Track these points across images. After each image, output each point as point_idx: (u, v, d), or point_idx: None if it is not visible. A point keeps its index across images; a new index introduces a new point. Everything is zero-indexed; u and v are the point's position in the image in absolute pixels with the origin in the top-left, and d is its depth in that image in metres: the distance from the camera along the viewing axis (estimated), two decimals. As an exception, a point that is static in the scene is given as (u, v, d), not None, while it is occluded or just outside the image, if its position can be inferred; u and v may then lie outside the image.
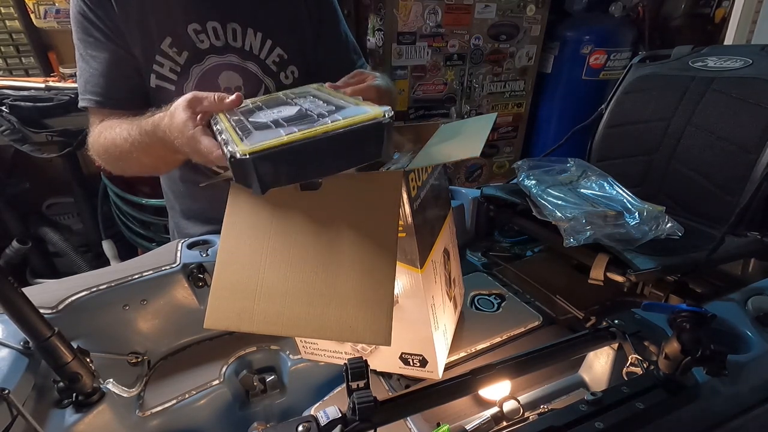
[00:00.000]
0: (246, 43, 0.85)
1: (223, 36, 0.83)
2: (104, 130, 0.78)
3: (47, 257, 1.99)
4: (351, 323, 0.44)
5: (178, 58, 0.82)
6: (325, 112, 0.46)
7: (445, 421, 0.56)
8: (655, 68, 1.05)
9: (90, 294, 0.65)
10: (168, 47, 0.81)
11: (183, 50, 0.82)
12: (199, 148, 0.53)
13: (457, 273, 0.73)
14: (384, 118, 0.41)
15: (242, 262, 0.50)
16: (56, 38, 1.96)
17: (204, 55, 0.83)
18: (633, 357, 0.56)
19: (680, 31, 2.48)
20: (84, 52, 0.82)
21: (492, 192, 0.97)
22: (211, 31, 0.82)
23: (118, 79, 0.81)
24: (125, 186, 1.85)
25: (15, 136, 1.53)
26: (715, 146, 0.90)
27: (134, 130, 0.69)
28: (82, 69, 0.83)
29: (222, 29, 0.83)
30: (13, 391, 0.46)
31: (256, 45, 0.86)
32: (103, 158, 0.80)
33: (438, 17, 2.20)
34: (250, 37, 0.85)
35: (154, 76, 0.82)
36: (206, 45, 0.83)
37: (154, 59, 0.81)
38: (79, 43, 0.82)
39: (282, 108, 0.53)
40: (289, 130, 0.42)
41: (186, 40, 0.81)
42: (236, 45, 0.85)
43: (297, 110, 0.50)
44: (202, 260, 0.73)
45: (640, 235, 0.71)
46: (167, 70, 0.82)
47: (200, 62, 0.83)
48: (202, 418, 0.64)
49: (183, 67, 0.83)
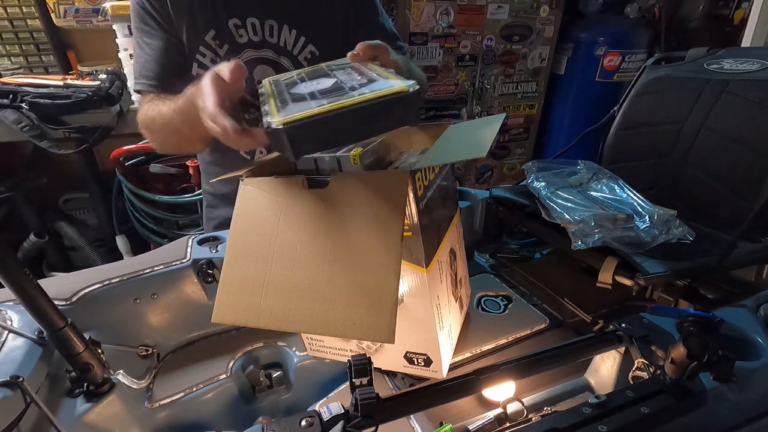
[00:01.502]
0: (281, 39, 0.90)
1: (260, 32, 0.89)
2: (150, 108, 0.85)
3: (63, 251, 2.03)
4: (355, 320, 0.45)
5: (219, 50, 0.88)
6: (357, 84, 0.50)
7: (449, 420, 0.56)
8: (669, 70, 1.04)
9: (102, 287, 0.66)
10: (211, 39, 0.87)
11: (224, 43, 0.87)
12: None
13: (463, 273, 0.73)
14: (408, 92, 0.44)
15: (250, 259, 0.51)
16: (75, 37, 2.00)
17: (242, 48, 0.89)
18: (639, 361, 0.55)
19: (698, 33, 2.44)
20: (140, 39, 0.89)
21: (501, 193, 0.96)
22: (249, 26, 0.88)
23: (169, 64, 0.88)
24: (139, 182, 1.88)
25: (34, 132, 1.56)
26: (730, 150, 0.88)
27: (172, 106, 0.77)
28: (138, 55, 0.90)
29: (260, 25, 0.88)
30: (27, 380, 0.48)
31: (290, 41, 0.91)
32: (147, 134, 0.88)
33: (450, 18, 2.20)
34: (285, 33, 0.90)
35: (196, 65, 0.88)
36: (244, 39, 0.88)
37: (198, 50, 0.87)
38: (136, 32, 0.89)
39: (321, 80, 0.58)
40: (319, 102, 0.46)
41: (227, 33, 0.87)
42: (272, 41, 0.90)
43: (333, 83, 0.55)
44: (212, 256, 0.75)
45: (650, 238, 0.71)
46: (208, 60, 0.88)
47: (238, 55, 0.88)
48: (208, 412, 0.65)
49: (222, 59, 0.88)
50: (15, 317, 0.58)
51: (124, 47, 1.69)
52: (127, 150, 1.80)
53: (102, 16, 1.85)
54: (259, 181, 0.54)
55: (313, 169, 0.63)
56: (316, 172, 0.63)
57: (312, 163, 0.63)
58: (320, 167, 0.62)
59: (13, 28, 1.91)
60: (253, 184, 0.54)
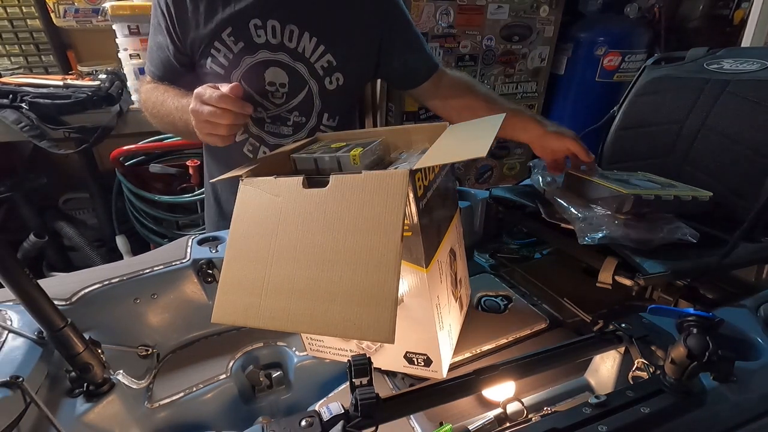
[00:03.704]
0: (300, 45, 0.90)
1: (280, 35, 0.88)
2: (154, 93, 0.91)
3: (63, 251, 2.03)
4: (355, 320, 0.45)
5: (234, 47, 0.88)
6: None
7: (448, 420, 0.56)
8: (669, 70, 1.04)
9: (102, 287, 0.66)
10: (227, 36, 0.87)
11: (239, 41, 0.87)
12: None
13: (463, 273, 0.73)
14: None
15: (250, 259, 0.51)
16: (75, 37, 2.00)
17: (257, 48, 0.88)
18: (639, 361, 0.55)
19: (698, 33, 2.44)
20: (153, 32, 0.93)
21: (501, 193, 0.96)
22: (270, 28, 0.87)
23: (170, 67, 0.93)
24: (139, 182, 1.88)
25: (34, 132, 1.56)
26: (730, 150, 0.88)
27: (175, 103, 0.84)
28: (150, 44, 0.95)
29: (281, 29, 0.88)
30: (27, 379, 0.48)
31: (309, 48, 0.90)
32: (146, 113, 0.95)
33: (450, 18, 2.20)
34: (305, 40, 0.89)
35: (210, 60, 0.89)
36: (262, 40, 0.88)
37: (213, 45, 0.87)
38: (152, 21, 0.92)
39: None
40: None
41: (245, 32, 0.87)
42: (290, 45, 0.89)
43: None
44: (212, 256, 0.75)
45: (655, 235, 0.70)
46: (222, 56, 0.88)
47: (252, 54, 0.89)
48: (208, 412, 0.65)
49: (235, 56, 0.88)
50: (15, 317, 0.58)
51: (124, 47, 1.69)
52: (127, 150, 1.80)
53: (102, 16, 1.85)
54: (259, 181, 0.54)
55: (313, 169, 0.63)
56: (316, 172, 0.63)
57: (312, 163, 0.63)
58: (320, 167, 0.62)
59: (13, 28, 1.91)
60: (253, 184, 0.54)
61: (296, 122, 0.96)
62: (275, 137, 0.96)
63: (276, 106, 0.93)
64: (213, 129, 0.70)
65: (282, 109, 0.94)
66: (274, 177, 0.53)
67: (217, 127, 0.70)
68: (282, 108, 0.94)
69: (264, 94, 0.91)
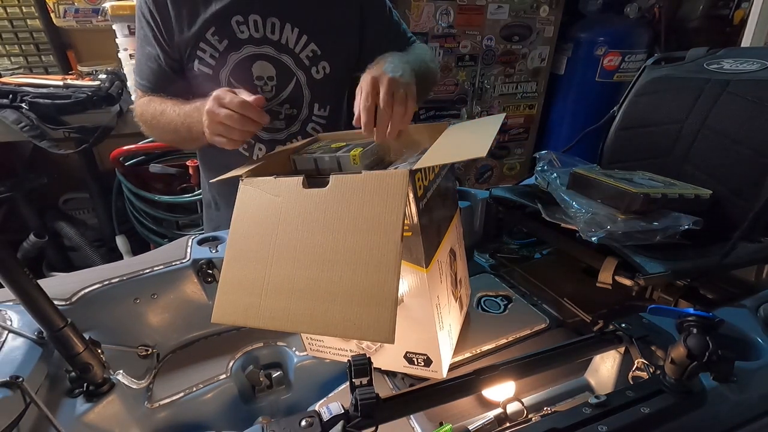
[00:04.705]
0: (283, 37, 0.90)
1: (262, 29, 0.89)
2: (150, 105, 0.91)
3: (63, 251, 2.03)
4: (355, 320, 0.45)
5: (218, 45, 0.88)
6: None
7: (449, 420, 0.56)
8: (669, 70, 1.03)
9: (102, 287, 0.66)
10: (211, 35, 0.88)
11: (223, 39, 0.88)
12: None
13: (463, 273, 0.73)
14: None
15: (249, 259, 0.51)
16: (75, 37, 2.00)
17: (242, 44, 0.89)
18: (639, 361, 0.55)
19: (698, 33, 2.44)
20: (139, 42, 0.93)
21: (501, 193, 0.96)
22: (252, 23, 0.88)
23: (161, 73, 0.92)
24: (139, 182, 1.88)
25: (34, 132, 1.56)
26: (730, 150, 0.88)
27: (176, 110, 0.84)
28: (138, 58, 0.95)
29: (262, 22, 0.89)
30: (27, 380, 0.48)
31: (292, 39, 0.91)
32: (144, 127, 0.95)
33: (450, 18, 2.20)
34: (287, 32, 0.90)
35: (197, 62, 0.90)
36: (245, 35, 0.89)
37: (199, 46, 0.88)
38: (137, 33, 0.92)
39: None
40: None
41: (228, 29, 0.88)
42: (273, 38, 0.90)
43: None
44: (212, 256, 0.75)
45: (660, 225, 0.70)
46: (208, 56, 0.89)
47: (237, 50, 0.89)
48: (208, 412, 0.65)
49: (221, 54, 0.89)
50: (15, 317, 0.58)
51: (124, 47, 1.68)
52: (126, 150, 1.80)
53: (102, 16, 1.85)
54: (258, 181, 0.54)
55: (313, 170, 0.63)
56: (316, 172, 0.63)
57: (312, 163, 0.63)
58: (320, 167, 0.62)
59: (13, 28, 1.91)
60: (252, 184, 0.54)
61: (288, 115, 0.97)
62: (269, 132, 0.97)
63: (266, 100, 0.94)
64: (227, 132, 0.70)
65: (273, 103, 0.94)
66: (274, 177, 0.53)
67: (231, 131, 0.70)
68: (273, 102, 0.94)
69: (253, 89, 0.92)
